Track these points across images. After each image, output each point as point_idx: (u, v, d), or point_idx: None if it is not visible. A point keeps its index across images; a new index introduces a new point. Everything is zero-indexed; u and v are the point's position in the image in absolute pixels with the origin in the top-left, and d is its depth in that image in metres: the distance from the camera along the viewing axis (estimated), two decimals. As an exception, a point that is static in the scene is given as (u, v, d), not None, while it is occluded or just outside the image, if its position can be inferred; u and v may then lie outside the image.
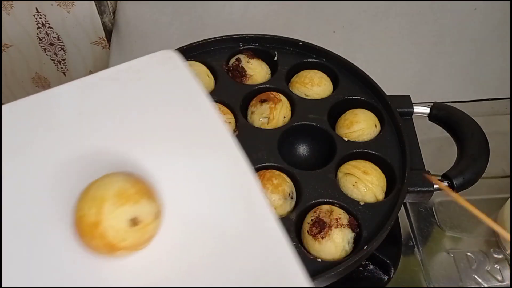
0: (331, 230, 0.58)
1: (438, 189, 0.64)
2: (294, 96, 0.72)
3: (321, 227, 0.58)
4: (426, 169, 0.66)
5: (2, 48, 1.07)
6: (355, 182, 0.63)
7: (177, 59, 0.44)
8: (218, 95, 0.72)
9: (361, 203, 0.62)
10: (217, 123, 0.41)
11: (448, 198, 0.70)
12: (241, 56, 0.77)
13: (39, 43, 1.07)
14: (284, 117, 0.70)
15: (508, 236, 0.48)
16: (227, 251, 0.34)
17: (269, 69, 0.78)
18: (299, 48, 0.78)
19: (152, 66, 0.44)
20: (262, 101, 0.70)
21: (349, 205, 0.61)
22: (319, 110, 0.71)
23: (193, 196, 0.37)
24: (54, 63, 1.11)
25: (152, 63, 0.45)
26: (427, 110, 0.72)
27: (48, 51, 1.09)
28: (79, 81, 0.45)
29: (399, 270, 0.69)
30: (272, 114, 0.69)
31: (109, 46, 1.05)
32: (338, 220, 0.59)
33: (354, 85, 0.74)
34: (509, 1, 1.00)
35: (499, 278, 0.69)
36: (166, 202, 0.36)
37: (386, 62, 0.98)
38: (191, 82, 0.43)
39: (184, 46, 0.77)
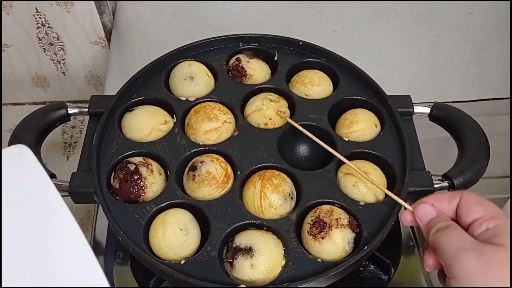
0: (331, 230, 0.58)
1: (439, 189, 0.64)
2: (294, 96, 0.72)
3: (321, 227, 0.58)
4: (427, 169, 0.66)
5: (2, 48, 1.07)
6: (356, 182, 0.63)
7: (28, 155, 0.41)
8: (218, 95, 0.72)
9: (361, 203, 0.62)
10: (72, 230, 0.38)
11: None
12: (241, 56, 0.77)
13: (39, 43, 1.07)
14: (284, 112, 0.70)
15: (409, 208, 0.52)
16: None
17: (269, 69, 0.78)
18: (299, 48, 0.78)
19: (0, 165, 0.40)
20: None
21: (349, 205, 0.61)
22: (319, 110, 0.71)
23: None
24: (53, 63, 1.11)
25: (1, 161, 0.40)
26: (427, 110, 0.72)
27: (47, 51, 1.09)
28: None
29: (399, 270, 0.69)
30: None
31: (109, 45, 1.05)
32: (338, 220, 0.59)
33: (354, 85, 0.74)
34: (509, 1, 1.00)
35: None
36: None
37: (386, 62, 0.98)
38: (43, 181, 0.40)
39: (184, 46, 0.77)
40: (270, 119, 0.69)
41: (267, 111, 0.69)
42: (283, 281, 0.55)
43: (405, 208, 0.53)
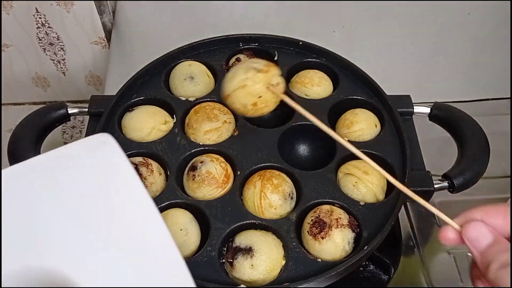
0: (331, 230, 0.58)
1: (439, 189, 0.64)
2: (294, 96, 0.72)
3: (321, 227, 0.58)
4: (426, 169, 0.66)
5: (2, 48, 1.07)
6: (356, 182, 0.63)
7: (112, 144, 0.42)
8: (218, 95, 0.72)
9: (361, 203, 0.62)
10: (155, 219, 0.39)
11: (448, 198, 0.70)
12: (241, 56, 0.77)
13: (39, 43, 1.07)
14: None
15: (455, 225, 0.42)
16: None
17: (269, 69, 0.77)
18: (299, 48, 0.78)
19: (84, 152, 0.42)
20: None
21: (349, 205, 0.61)
22: (319, 110, 0.71)
23: None
24: (53, 63, 1.11)
25: (85, 148, 0.42)
26: (427, 110, 0.72)
27: (47, 51, 1.09)
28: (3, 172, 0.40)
29: (399, 271, 0.69)
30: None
31: (109, 46, 1.05)
32: (338, 220, 0.59)
33: (354, 85, 0.74)
34: (509, 1, 1.00)
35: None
36: None
37: (386, 62, 0.98)
38: (127, 171, 0.41)
39: (184, 46, 0.77)
40: (260, 97, 0.51)
41: (254, 87, 0.51)
42: (283, 281, 0.55)
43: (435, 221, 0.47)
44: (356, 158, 0.66)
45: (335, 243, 0.58)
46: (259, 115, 0.54)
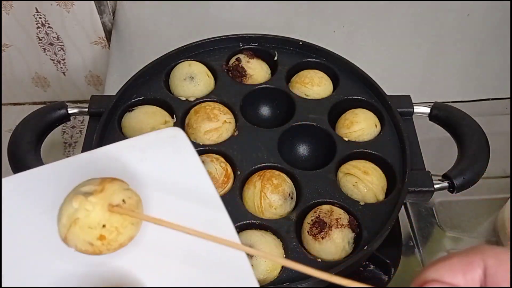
0: (331, 230, 0.58)
1: (439, 189, 0.64)
2: (294, 96, 0.72)
3: (321, 227, 0.58)
4: (426, 169, 0.66)
5: (2, 48, 1.07)
6: (356, 182, 0.63)
7: (183, 139, 0.42)
8: (218, 95, 0.72)
9: (362, 203, 0.62)
10: (223, 216, 0.40)
11: (448, 198, 0.70)
12: (241, 56, 0.77)
13: (39, 43, 1.07)
14: None
15: None
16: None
17: (269, 69, 0.78)
18: (299, 48, 0.78)
19: (157, 146, 0.42)
20: None
21: (349, 205, 0.61)
22: (319, 110, 0.71)
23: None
24: (53, 63, 1.11)
25: (157, 142, 0.42)
26: (427, 110, 0.72)
27: (47, 51, 1.08)
28: (73, 159, 0.41)
29: (399, 271, 0.68)
30: None
31: (109, 46, 1.05)
32: (338, 220, 0.59)
33: (354, 85, 0.74)
34: (509, 1, 1.00)
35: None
36: None
37: (387, 62, 0.98)
38: (198, 167, 0.41)
39: (184, 46, 0.77)
40: (104, 226, 0.36)
41: (88, 217, 0.36)
42: (283, 281, 0.55)
43: None
44: (356, 158, 0.66)
45: (335, 243, 0.58)
46: (117, 248, 0.39)
